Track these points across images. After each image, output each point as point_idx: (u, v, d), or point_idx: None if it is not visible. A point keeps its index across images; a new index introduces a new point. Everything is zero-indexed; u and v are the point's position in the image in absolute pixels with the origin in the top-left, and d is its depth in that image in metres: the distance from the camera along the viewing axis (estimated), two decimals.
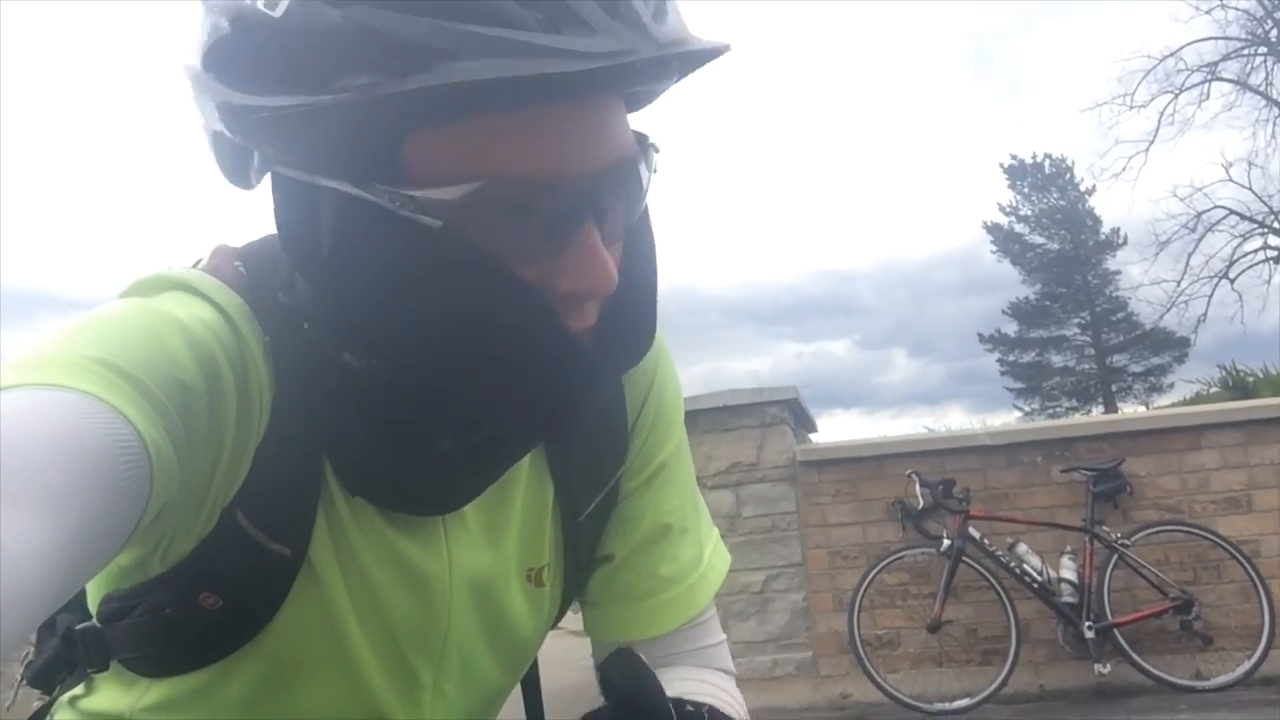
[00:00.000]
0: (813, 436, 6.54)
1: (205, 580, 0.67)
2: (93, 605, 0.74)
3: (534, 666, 0.94)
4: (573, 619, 0.91)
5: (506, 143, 0.56)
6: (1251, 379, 8.66)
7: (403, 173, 0.57)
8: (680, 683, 0.81)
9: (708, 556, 0.87)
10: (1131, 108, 18.60)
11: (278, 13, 0.54)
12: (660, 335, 0.87)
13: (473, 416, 0.66)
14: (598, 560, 0.86)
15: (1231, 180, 18.61)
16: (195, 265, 0.72)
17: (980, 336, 32.32)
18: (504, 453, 0.72)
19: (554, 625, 0.88)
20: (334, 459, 0.69)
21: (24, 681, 0.82)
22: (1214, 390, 9.39)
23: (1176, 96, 18.43)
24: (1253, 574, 4.81)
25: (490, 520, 0.77)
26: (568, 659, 3.24)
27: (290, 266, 0.68)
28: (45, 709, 0.80)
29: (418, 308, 0.61)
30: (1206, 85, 18.52)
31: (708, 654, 0.86)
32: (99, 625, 0.73)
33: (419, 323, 0.62)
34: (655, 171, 0.66)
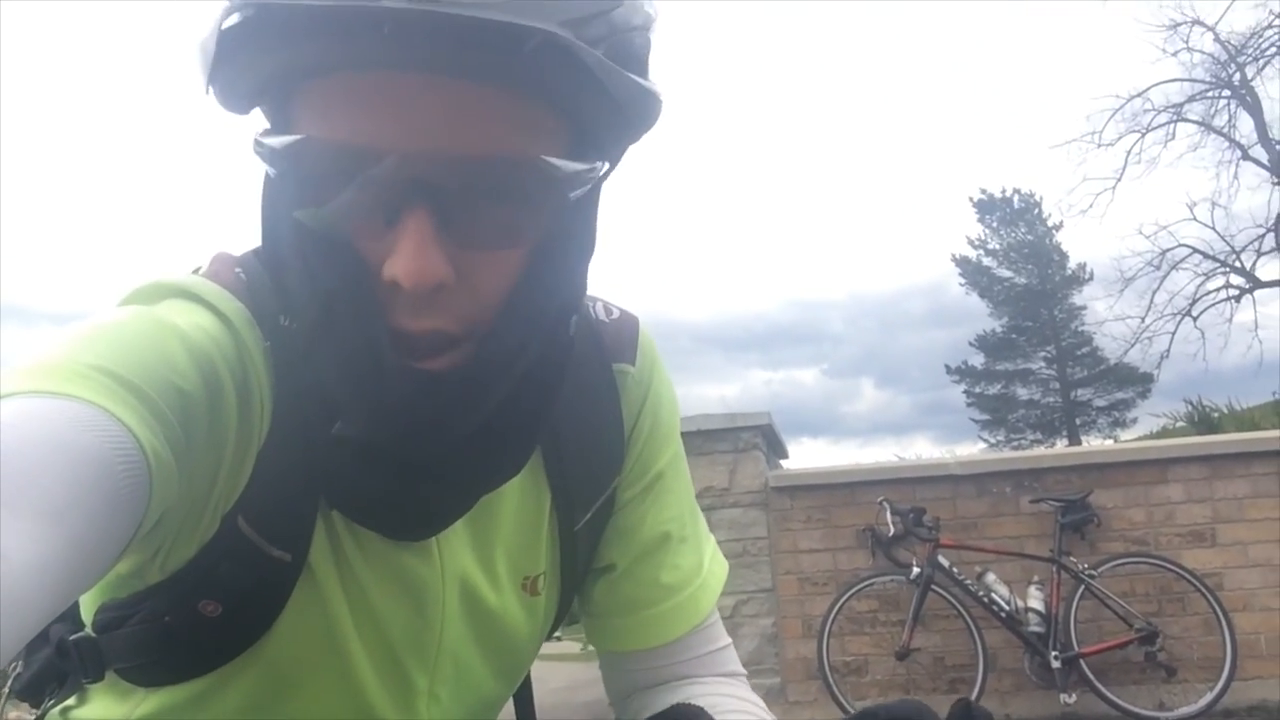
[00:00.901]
0: (783, 463, 6.56)
1: (205, 587, 0.67)
2: (87, 615, 0.73)
3: (527, 680, 0.93)
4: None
5: (328, 104, 0.57)
6: (1216, 414, 8.78)
7: (284, 125, 0.60)
8: (706, 698, 0.81)
9: (707, 563, 0.88)
10: (1099, 146, 18.88)
11: None
12: (654, 346, 0.88)
13: (337, 394, 0.64)
14: (597, 570, 0.86)
15: (1195, 219, 18.94)
16: (195, 271, 0.72)
17: (947, 368, 32.61)
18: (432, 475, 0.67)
19: (550, 635, 0.88)
20: (324, 476, 0.68)
21: (11, 694, 0.81)
22: (1179, 425, 9.50)
23: (1143, 136, 18.75)
24: (1216, 607, 4.87)
25: (479, 527, 0.76)
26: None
27: None
28: None
29: (282, 258, 0.64)
30: (1172, 126, 18.86)
31: (716, 658, 0.87)
32: (94, 635, 0.72)
33: (285, 275, 0.64)
34: (572, 195, 0.61)
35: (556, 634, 0.90)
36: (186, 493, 0.62)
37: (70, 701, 0.77)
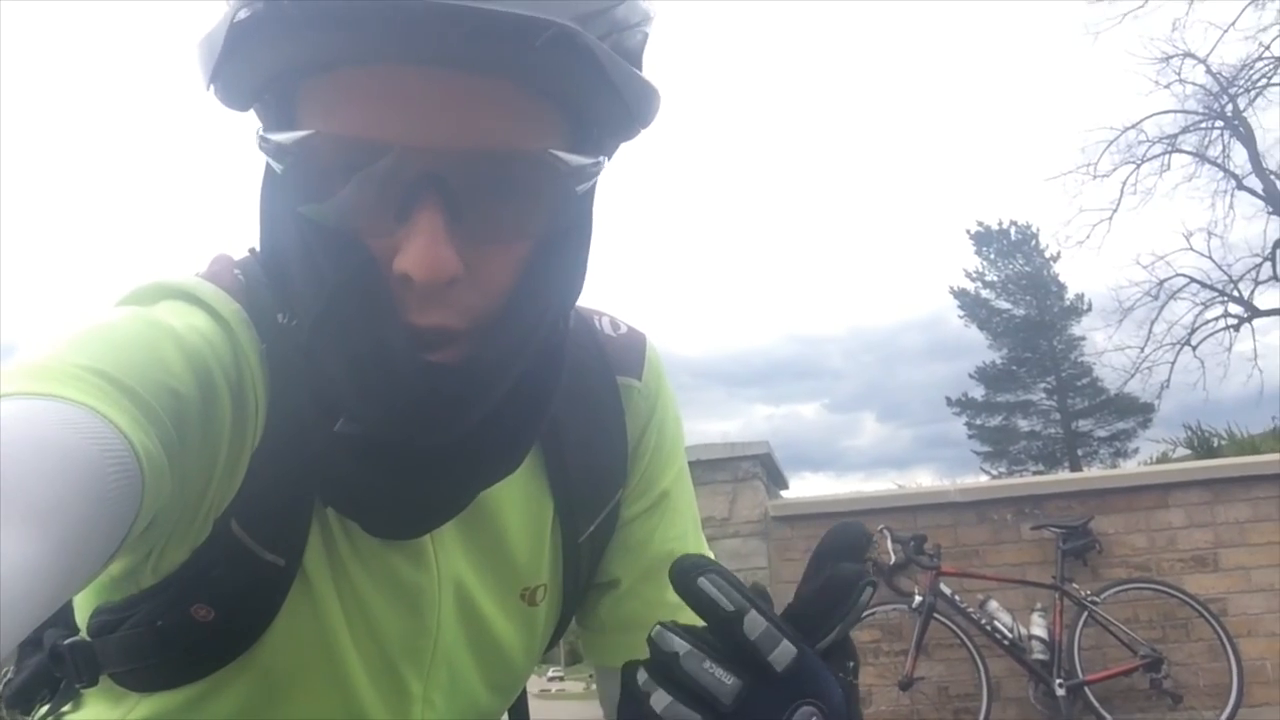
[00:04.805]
0: (783, 493, 6.53)
1: (197, 591, 0.67)
2: (82, 619, 0.73)
3: (523, 700, 0.93)
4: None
5: (334, 99, 0.57)
6: (1217, 440, 8.72)
7: (289, 122, 0.60)
8: None
9: None
10: (1095, 177, 18.81)
11: None
12: (661, 363, 0.87)
13: (342, 390, 0.63)
14: (601, 586, 0.86)
15: (1192, 249, 18.89)
16: (195, 274, 0.72)
17: (948, 400, 32.53)
18: (427, 472, 0.66)
19: (546, 650, 0.87)
20: (319, 473, 0.68)
21: (1, 701, 0.80)
22: (1179, 451, 9.45)
23: (1138, 167, 18.70)
24: (1220, 632, 4.83)
25: (477, 533, 0.76)
26: None
27: None
28: None
29: (284, 255, 0.63)
30: (1167, 156, 18.82)
31: None
32: (89, 639, 0.71)
33: (288, 272, 0.64)
34: (578, 190, 0.62)
35: (558, 671, 0.90)
36: (179, 495, 0.61)
37: (64, 708, 0.77)
